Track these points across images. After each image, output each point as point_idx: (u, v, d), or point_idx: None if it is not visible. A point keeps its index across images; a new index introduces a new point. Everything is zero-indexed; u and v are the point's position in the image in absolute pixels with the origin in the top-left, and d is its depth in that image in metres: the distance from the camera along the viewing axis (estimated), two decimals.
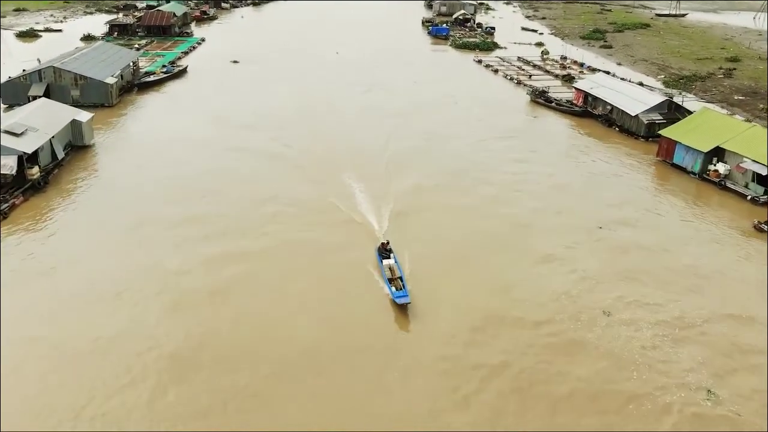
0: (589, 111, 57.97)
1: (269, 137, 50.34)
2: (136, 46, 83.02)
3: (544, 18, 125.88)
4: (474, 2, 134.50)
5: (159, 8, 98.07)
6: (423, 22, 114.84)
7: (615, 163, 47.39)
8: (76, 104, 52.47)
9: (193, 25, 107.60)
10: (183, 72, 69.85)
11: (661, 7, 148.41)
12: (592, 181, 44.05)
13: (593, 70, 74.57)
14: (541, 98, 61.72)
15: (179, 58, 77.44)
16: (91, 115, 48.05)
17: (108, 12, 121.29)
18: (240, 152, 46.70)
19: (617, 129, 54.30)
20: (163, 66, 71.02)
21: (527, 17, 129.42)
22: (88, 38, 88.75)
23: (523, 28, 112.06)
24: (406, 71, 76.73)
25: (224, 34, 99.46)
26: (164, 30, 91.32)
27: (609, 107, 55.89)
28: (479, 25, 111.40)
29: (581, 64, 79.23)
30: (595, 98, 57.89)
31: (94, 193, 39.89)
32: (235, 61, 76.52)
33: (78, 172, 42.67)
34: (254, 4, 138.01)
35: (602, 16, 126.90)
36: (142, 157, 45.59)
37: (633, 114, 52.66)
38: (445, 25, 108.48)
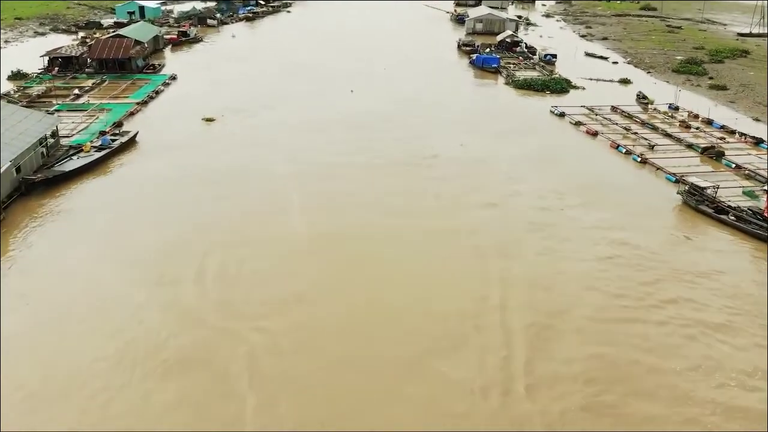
0: None
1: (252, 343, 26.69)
2: (75, 92, 59.15)
3: (605, 38, 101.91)
4: (515, 18, 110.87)
5: (118, 33, 74.21)
6: (459, 46, 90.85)
7: None
8: None
9: (167, 51, 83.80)
10: (130, 143, 46.08)
11: (734, 23, 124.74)
12: None
13: (755, 140, 50.41)
14: (704, 204, 37.70)
15: (132, 114, 53.63)
16: None
17: (65, 32, 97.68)
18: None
19: None
20: (101, 134, 47.24)
21: (582, 36, 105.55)
22: (17, 76, 65.14)
23: (588, 54, 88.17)
24: (449, 125, 53.40)
25: (205, 65, 75.57)
26: (122, 65, 67.53)
27: None
28: (532, 50, 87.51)
29: (709, 121, 55.29)
30: None
31: None
32: (210, 119, 52.57)
33: None
34: (248, 20, 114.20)
35: (677, 37, 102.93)
36: None
37: None
38: (492, 52, 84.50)
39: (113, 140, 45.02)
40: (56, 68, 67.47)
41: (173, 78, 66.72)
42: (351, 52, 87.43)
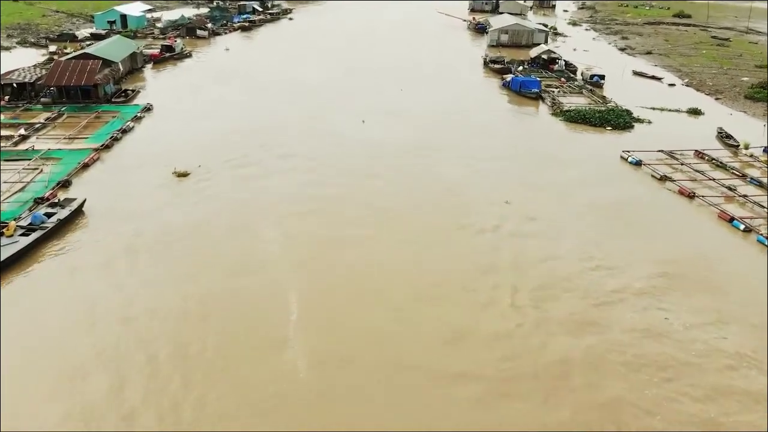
0: None
1: None
2: (21, 132, 46.81)
3: (649, 53, 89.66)
4: (544, 28, 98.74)
5: (85, 52, 61.92)
6: (486, 62, 78.59)
7: None
8: None
9: (148, 69, 71.58)
10: (74, 216, 33.81)
11: None
12: None
13: None
14: None
15: (86, 166, 41.38)
16: None
17: (35, 45, 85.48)
18: None
19: None
20: (35, 202, 35.02)
21: (622, 50, 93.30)
22: None
23: (637, 73, 75.97)
24: (486, 174, 41.52)
25: (190, 88, 63.24)
26: (86, 93, 55.29)
27: None
28: (572, 68, 75.32)
29: None
30: None
31: None
32: (182, 174, 40.12)
33: None
34: (243, 29, 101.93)
35: (731, 52, 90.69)
36: None
37: None
38: (526, 71, 72.38)
39: (50, 215, 32.76)
40: (6, 97, 55.27)
41: (148, 109, 54.41)
42: (359, 68, 75.35)
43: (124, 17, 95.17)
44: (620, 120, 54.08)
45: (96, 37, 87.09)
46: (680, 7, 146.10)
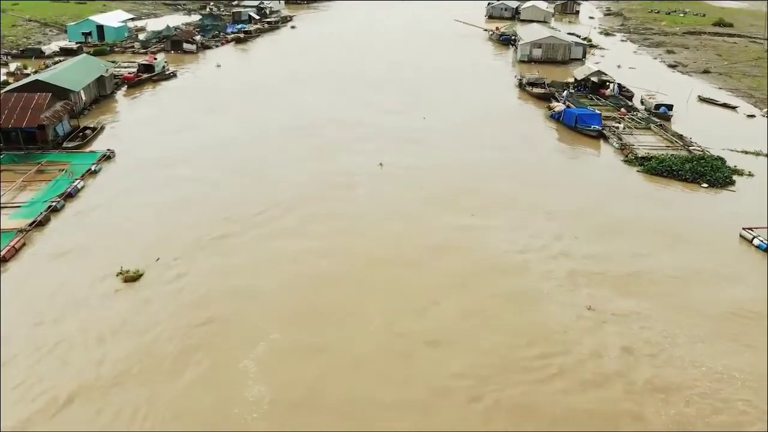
0: None
1: None
2: None
3: (706, 71, 77.34)
4: (582, 41, 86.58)
5: (36, 79, 49.70)
6: (522, 84, 66.32)
7: None
8: None
9: (120, 95, 59.38)
10: None
11: None
12: None
13: None
14: None
15: (4, 261, 29.18)
16: None
17: None
18: None
19: None
20: None
21: (672, 67, 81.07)
22: None
23: (704, 100, 63.78)
24: (553, 255, 29.81)
25: (168, 124, 51.02)
26: (29, 136, 43.06)
27: None
28: (627, 93, 63.09)
29: None
30: None
31: None
32: (133, 277, 27.61)
33: None
34: (238, 41, 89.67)
35: None
36: None
37: None
38: (572, 95, 60.25)
39: None
40: None
41: (107, 158, 42.23)
42: (372, 88, 63.51)
43: (100, 28, 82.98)
44: (717, 174, 41.80)
45: (66, 53, 75.07)
46: (711, 11, 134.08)
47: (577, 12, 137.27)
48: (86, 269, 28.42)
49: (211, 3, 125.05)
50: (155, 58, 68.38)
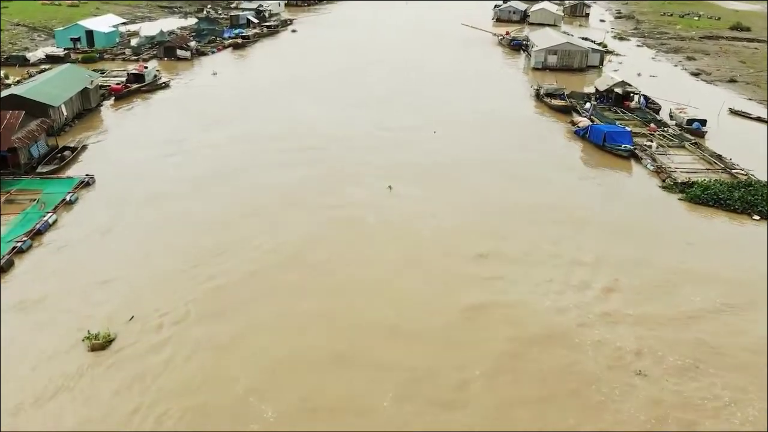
0: None
1: None
2: None
3: (732, 81, 72.78)
4: (599, 47, 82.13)
5: (12, 93, 44.99)
6: (540, 95, 61.73)
7: None
8: None
9: (106, 108, 54.88)
10: None
11: None
12: None
13: None
14: None
15: None
16: None
17: None
18: None
19: None
20: None
21: (695, 75, 76.51)
22: None
23: (735, 113, 59.22)
24: (593, 302, 24.31)
25: (155, 140, 46.41)
26: (1, 161, 38.44)
27: None
28: (654, 105, 58.63)
29: None
30: None
31: None
32: (102, 343, 22.75)
33: None
34: (236, 47, 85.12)
35: None
36: None
37: None
38: (595, 107, 55.74)
39: None
40: None
41: (86, 184, 37.68)
42: (376, 99, 59.20)
43: (90, 33, 78.42)
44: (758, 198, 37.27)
45: (52, 60, 70.57)
46: (724, 14, 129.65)
47: (587, 15, 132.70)
48: (49, 333, 23.87)
49: (209, 6, 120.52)
50: (146, 67, 63.77)
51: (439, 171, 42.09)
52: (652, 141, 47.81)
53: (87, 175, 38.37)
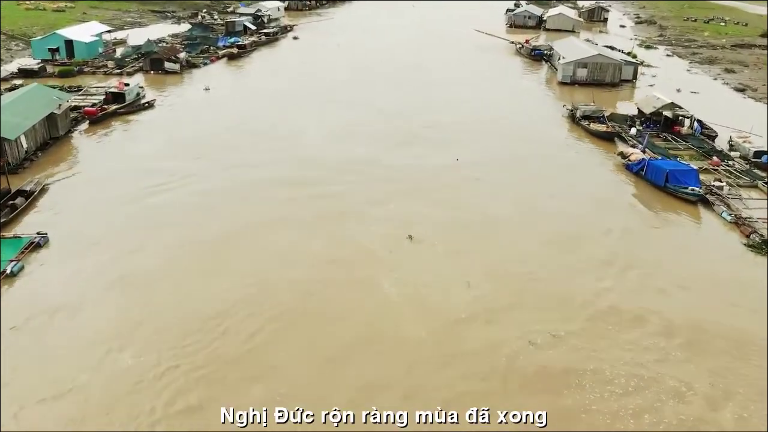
0: None
1: None
2: None
3: None
4: (632, 59, 74.65)
5: None
6: (576, 118, 54.17)
7: None
8: None
9: (78, 135, 47.40)
10: None
11: None
12: None
13: None
14: None
15: None
16: None
17: None
18: None
19: None
20: None
21: (740, 92, 69.03)
22: None
23: None
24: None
25: (133, 177, 38.94)
26: None
27: None
28: (709, 132, 51.09)
29: None
30: None
31: None
32: None
33: None
34: (231, 57, 77.60)
35: None
36: None
37: None
38: (643, 133, 48.13)
39: None
40: None
41: (38, 245, 30.17)
42: (384, 119, 51.95)
43: (70, 43, 70.88)
44: None
45: (24, 74, 63.14)
46: (750, 20, 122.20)
47: (605, 20, 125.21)
48: None
49: (204, 11, 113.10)
50: (127, 84, 56.25)
51: (461, 211, 34.58)
52: (721, 181, 40.24)
53: (38, 233, 30.79)
